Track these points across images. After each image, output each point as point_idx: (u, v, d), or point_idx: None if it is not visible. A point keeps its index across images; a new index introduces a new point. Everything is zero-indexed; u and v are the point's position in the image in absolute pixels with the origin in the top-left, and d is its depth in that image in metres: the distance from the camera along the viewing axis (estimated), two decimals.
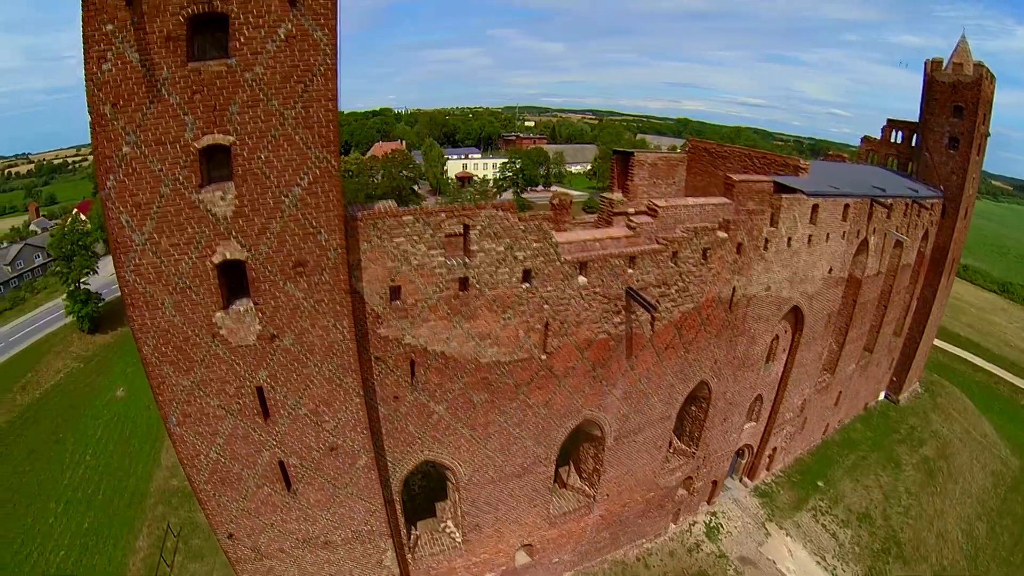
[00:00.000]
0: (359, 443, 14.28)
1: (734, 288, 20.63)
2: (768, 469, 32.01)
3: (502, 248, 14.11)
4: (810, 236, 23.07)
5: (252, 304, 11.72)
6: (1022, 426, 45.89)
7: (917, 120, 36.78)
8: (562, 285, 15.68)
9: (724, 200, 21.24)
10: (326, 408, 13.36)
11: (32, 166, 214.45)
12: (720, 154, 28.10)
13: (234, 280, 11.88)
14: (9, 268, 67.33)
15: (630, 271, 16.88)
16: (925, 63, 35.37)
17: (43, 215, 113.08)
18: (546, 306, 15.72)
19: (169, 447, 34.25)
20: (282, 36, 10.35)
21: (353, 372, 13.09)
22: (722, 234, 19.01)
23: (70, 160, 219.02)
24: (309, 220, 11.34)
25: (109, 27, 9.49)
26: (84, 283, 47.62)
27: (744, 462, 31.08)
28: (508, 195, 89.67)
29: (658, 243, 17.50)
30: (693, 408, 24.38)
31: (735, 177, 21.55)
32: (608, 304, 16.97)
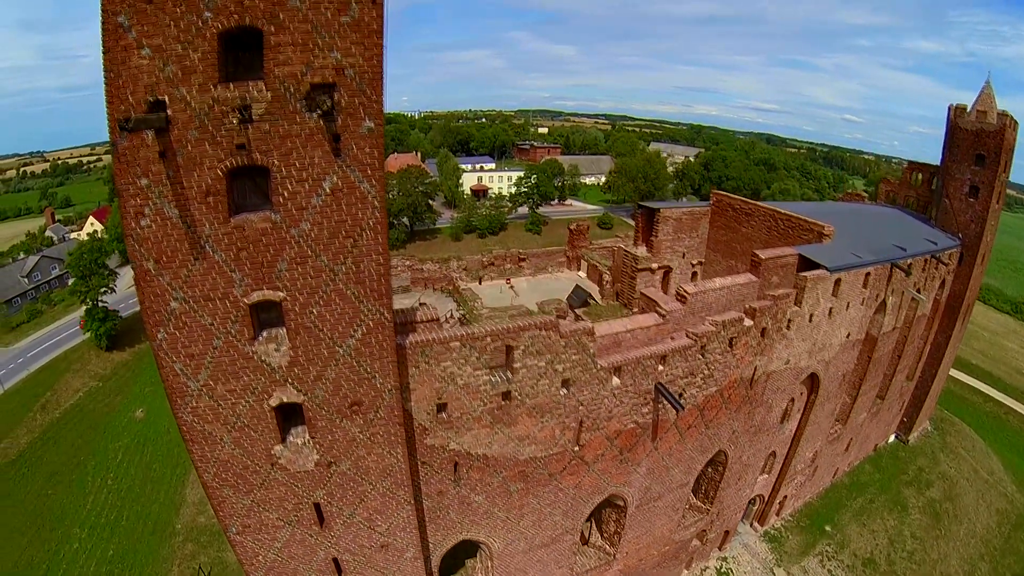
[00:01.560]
0: (408, 540, 15.41)
1: (755, 367, 21.56)
2: (778, 515, 33.22)
3: (543, 363, 15.08)
4: (831, 309, 23.93)
5: (309, 437, 12.62)
6: None
7: (938, 164, 37.37)
8: (597, 388, 16.65)
9: (750, 278, 22.21)
10: (379, 516, 14.44)
11: (47, 165, 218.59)
12: (744, 211, 28.86)
13: (290, 409, 12.46)
14: (26, 280, 68.75)
15: (660, 368, 17.82)
16: (949, 108, 35.83)
17: (58, 220, 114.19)
18: (581, 407, 16.73)
19: (194, 483, 35.49)
20: (328, 190, 10.16)
21: (405, 486, 14.14)
22: (748, 322, 19.89)
23: (84, 160, 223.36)
24: (364, 367, 11.98)
25: (144, 181, 9.35)
26: (102, 301, 48.71)
27: (755, 508, 32.27)
28: (523, 210, 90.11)
29: (688, 337, 18.40)
30: (709, 469, 25.44)
31: (762, 255, 22.47)
32: (638, 398, 17.96)
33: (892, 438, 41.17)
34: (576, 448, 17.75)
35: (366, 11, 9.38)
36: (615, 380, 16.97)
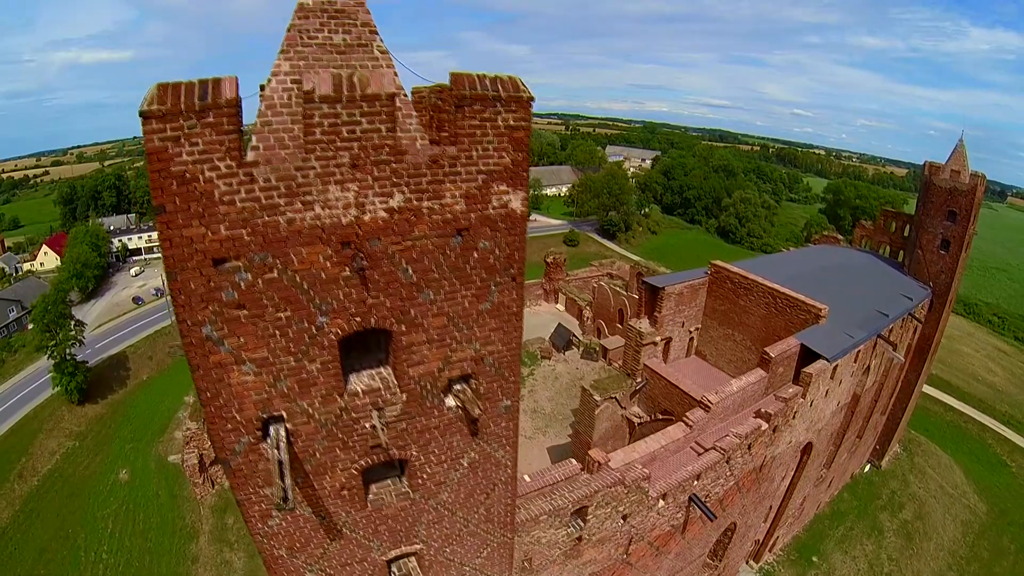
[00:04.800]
0: None
1: (765, 456, 25.60)
2: (771, 551, 38.28)
3: (609, 510, 18.34)
4: (827, 391, 28.21)
5: None
6: (989, 467, 54.04)
7: (912, 213, 42.35)
8: (647, 512, 20.11)
9: (761, 374, 26.13)
10: None
11: None
12: (743, 285, 32.59)
13: None
14: None
15: (695, 483, 21.45)
16: (924, 165, 40.60)
17: (9, 248, 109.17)
18: (633, 529, 20.17)
19: (204, 562, 37.10)
20: (466, 465, 10.85)
21: None
22: (764, 426, 23.74)
23: (31, 174, 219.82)
24: (484, 572, 14.59)
25: (267, 490, 9.04)
26: (70, 354, 48.48)
27: (751, 549, 37.13)
28: None
29: (716, 450, 22.08)
30: (720, 535, 29.70)
31: (771, 352, 26.28)
32: (676, 509, 21.59)
33: (867, 467, 47.13)
34: (624, 556, 21.29)
35: (507, 294, 9.36)
36: (661, 502, 20.49)
